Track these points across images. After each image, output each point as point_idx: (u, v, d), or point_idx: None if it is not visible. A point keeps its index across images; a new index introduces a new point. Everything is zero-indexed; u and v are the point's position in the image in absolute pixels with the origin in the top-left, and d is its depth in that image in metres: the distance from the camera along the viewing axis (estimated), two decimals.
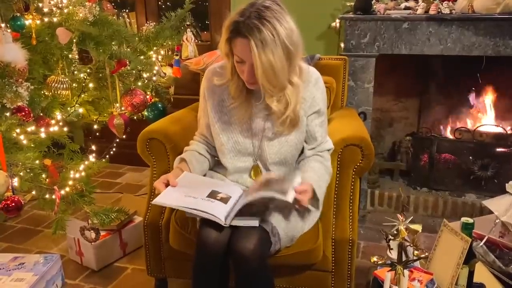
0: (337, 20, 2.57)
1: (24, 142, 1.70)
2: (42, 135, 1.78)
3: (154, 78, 2.25)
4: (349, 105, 2.40)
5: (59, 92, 1.83)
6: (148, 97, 2.16)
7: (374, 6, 2.34)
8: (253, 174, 1.51)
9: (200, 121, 1.60)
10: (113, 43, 1.97)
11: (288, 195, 1.30)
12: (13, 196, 1.57)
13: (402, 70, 2.67)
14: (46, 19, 1.81)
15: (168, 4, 3.24)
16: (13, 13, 1.69)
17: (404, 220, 1.31)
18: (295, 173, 1.47)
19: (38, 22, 1.77)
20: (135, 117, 2.18)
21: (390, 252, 1.44)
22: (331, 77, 1.98)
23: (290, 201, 1.30)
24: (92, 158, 2.13)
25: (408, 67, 2.65)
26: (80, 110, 2.06)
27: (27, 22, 1.72)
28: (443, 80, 2.66)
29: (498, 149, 2.48)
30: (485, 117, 2.61)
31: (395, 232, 1.31)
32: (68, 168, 1.92)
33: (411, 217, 1.35)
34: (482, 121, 2.60)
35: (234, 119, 1.48)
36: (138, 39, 2.15)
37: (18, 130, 1.67)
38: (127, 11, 3.14)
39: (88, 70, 2.06)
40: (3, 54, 1.58)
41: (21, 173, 1.67)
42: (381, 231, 1.40)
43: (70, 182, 1.86)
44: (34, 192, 1.83)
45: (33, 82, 1.77)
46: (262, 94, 1.41)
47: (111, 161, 2.98)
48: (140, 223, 1.96)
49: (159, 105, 2.18)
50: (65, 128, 1.90)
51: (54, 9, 1.84)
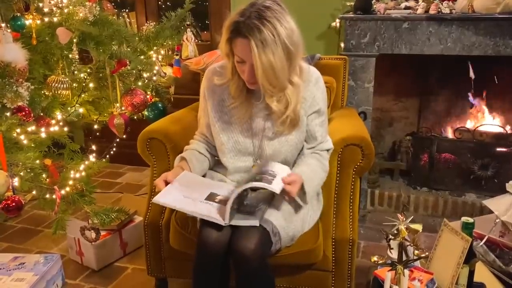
0: (337, 20, 2.57)
1: (24, 142, 1.70)
2: (43, 135, 1.78)
3: (154, 78, 2.25)
4: (349, 105, 2.40)
5: (59, 92, 1.83)
6: (148, 97, 2.16)
7: (374, 6, 2.34)
8: None
9: (200, 121, 1.60)
10: (113, 43, 1.98)
11: (274, 185, 1.29)
12: (14, 196, 1.57)
13: (402, 69, 2.67)
14: (46, 19, 1.81)
15: (168, 4, 3.24)
16: (14, 13, 1.69)
17: (404, 219, 1.32)
18: (283, 165, 1.45)
19: (38, 22, 1.77)
20: (135, 117, 2.18)
21: (390, 252, 1.44)
22: (331, 77, 1.98)
23: (278, 192, 1.29)
24: (92, 158, 2.13)
25: (408, 67, 2.65)
26: (81, 110, 2.06)
27: (27, 22, 1.72)
28: (443, 80, 2.66)
29: (498, 149, 2.48)
30: (485, 117, 2.61)
31: (396, 232, 1.31)
32: (68, 168, 1.92)
33: (412, 217, 1.35)
34: (482, 121, 2.60)
35: (234, 119, 1.48)
36: (138, 39, 2.15)
37: (19, 130, 1.67)
38: (127, 11, 3.15)
39: (89, 70, 2.06)
40: (4, 54, 1.58)
41: (22, 173, 1.67)
42: (381, 231, 1.40)
43: (70, 182, 1.86)
44: (34, 192, 1.84)
45: (33, 82, 1.77)
46: (262, 94, 1.41)
47: (111, 161, 2.98)
48: (141, 223, 1.96)
49: (159, 105, 2.18)
50: (65, 128, 1.90)
51: (54, 9, 1.84)
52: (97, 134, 2.45)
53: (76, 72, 2.00)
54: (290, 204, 1.44)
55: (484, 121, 2.60)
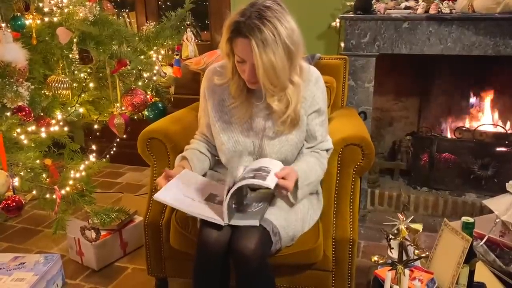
0: (337, 20, 2.57)
1: (24, 142, 1.70)
2: (43, 134, 1.78)
3: (155, 77, 2.25)
4: (349, 105, 2.40)
5: (59, 92, 1.83)
6: (148, 96, 2.16)
7: (374, 6, 2.34)
8: None
9: (200, 121, 1.60)
10: (113, 42, 1.97)
11: (268, 181, 1.28)
12: (14, 195, 1.58)
13: (402, 69, 2.67)
14: (46, 19, 1.81)
15: (168, 4, 3.24)
16: (14, 13, 1.69)
17: (404, 219, 1.32)
18: (275, 161, 1.44)
19: (38, 22, 1.77)
20: (136, 117, 2.18)
21: (390, 252, 1.44)
22: (332, 76, 1.98)
23: (272, 187, 1.28)
24: (92, 158, 2.13)
25: (408, 67, 2.65)
26: (81, 109, 2.06)
27: (27, 22, 1.72)
28: (443, 80, 2.66)
29: (498, 149, 2.48)
30: (485, 117, 2.61)
31: (396, 232, 1.31)
32: (68, 168, 1.92)
33: (412, 217, 1.35)
34: (482, 121, 2.60)
35: (234, 119, 1.48)
36: (138, 39, 2.15)
37: (19, 130, 1.67)
38: (127, 10, 3.15)
39: (89, 70, 2.06)
40: (4, 54, 1.58)
41: (22, 173, 1.67)
42: (381, 231, 1.40)
43: (70, 182, 1.86)
44: (34, 192, 1.84)
45: (33, 82, 1.77)
46: (263, 93, 1.41)
47: (112, 160, 2.98)
48: (141, 222, 1.96)
49: (160, 105, 2.18)
50: (65, 128, 1.90)
51: (54, 8, 1.84)
52: (97, 134, 2.45)
53: (76, 72, 2.00)
54: (283, 199, 1.42)
55: (484, 120, 2.60)
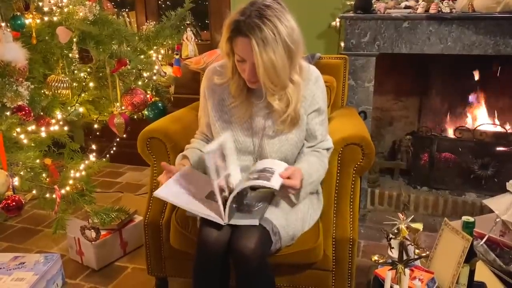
0: (337, 19, 2.57)
1: (24, 141, 1.70)
2: (43, 134, 1.78)
3: (154, 77, 2.25)
4: (349, 104, 2.39)
5: (59, 92, 1.83)
6: (148, 96, 2.16)
7: (374, 5, 2.34)
8: None
9: (200, 120, 1.60)
10: (113, 42, 1.97)
11: (273, 182, 1.27)
12: (14, 195, 1.58)
13: (402, 69, 2.67)
14: (46, 18, 1.81)
15: (168, 3, 3.24)
16: (13, 12, 1.69)
17: (405, 218, 1.31)
18: (279, 162, 1.43)
19: (38, 21, 1.77)
20: (135, 116, 2.18)
21: (391, 251, 1.44)
22: (332, 76, 1.97)
23: (277, 188, 1.27)
24: (92, 157, 2.13)
25: (408, 66, 2.65)
26: (81, 109, 2.06)
27: (27, 21, 1.72)
28: (443, 79, 2.65)
29: (498, 148, 2.48)
30: (485, 116, 2.61)
31: (396, 231, 1.31)
32: (68, 168, 1.92)
33: (412, 216, 1.35)
34: (482, 120, 2.60)
35: (234, 118, 1.48)
36: (138, 38, 2.15)
37: (19, 130, 1.67)
38: (127, 10, 3.14)
39: (88, 69, 2.06)
40: (4, 53, 1.58)
41: (22, 173, 1.67)
42: (382, 230, 1.40)
43: (70, 182, 1.86)
44: (34, 192, 1.84)
45: (33, 81, 1.77)
46: (263, 92, 1.41)
47: (112, 160, 2.98)
48: (141, 222, 1.96)
49: (159, 104, 2.18)
50: (65, 128, 1.90)
51: (54, 8, 1.84)
52: (97, 133, 2.45)
53: (76, 71, 2.00)
54: (284, 199, 1.42)
55: (484, 120, 2.60)
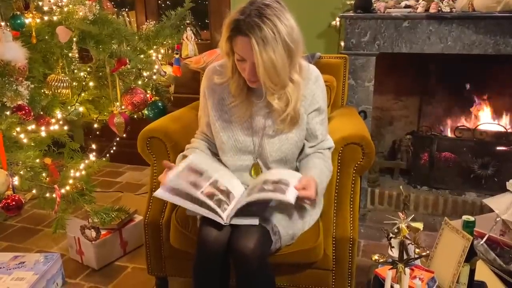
0: (337, 19, 2.57)
1: (24, 141, 1.70)
2: (43, 133, 1.78)
3: (154, 76, 2.25)
4: (350, 104, 2.39)
5: (59, 91, 1.83)
6: (148, 95, 2.16)
7: (375, 5, 2.34)
8: (253, 172, 1.51)
9: (200, 120, 1.60)
10: (113, 41, 1.97)
11: (289, 195, 1.28)
12: (14, 195, 1.57)
13: (402, 68, 2.67)
14: (46, 18, 1.81)
15: (168, 3, 3.24)
16: (13, 11, 1.69)
17: (405, 218, 1.31)
18: (294, 172, 1.45)
19: (38, 20, 1.76)
20: (135, 116, 2.18)
21: (391, 250, 1.44)
22: (332, 75, 1.98)
23: (292, 202, 1.28)
24: (92, 157, 2.13)
25: (408, 66, 2.65)
26: (80, 109, 2.06)
27: (27, 21, 1.72)
28: (443, 79, 2.65)
29: (498, 148, 2.48)
30: (485, 116, 2.61)
31: (396, 230, 1.31)
32: (68, 167, 1.92)
33: (412, 215, 1.35)
34: (482, 120, 2.60)
35: (234, 118, 1.48)
36: (138, 38, 2.15)
37: (19, 129, 1.67)
38: (127, 10, 3.14)
39: (88, 69, 2.06)
40: (3, 52, 1.58)
41: (22, 172, 1.67)
42: (382, 230, 1.39)
43: (70, 181, 1.86)
44: (34, 191, 1.83)
45: (33, 81, 1.77)
46: (263, 92, 1.41)
47: (111, 160, 2.98)
48: (141, 222, 1.96)
49: (159, 104, 2.18)
50: (65, 127, 1.90)
51: (54, 7, 1.84)
52: (97, 133, 2.45)
53: (76, 71, 2.00)
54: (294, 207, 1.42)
55: (484, 119, 2.60)
